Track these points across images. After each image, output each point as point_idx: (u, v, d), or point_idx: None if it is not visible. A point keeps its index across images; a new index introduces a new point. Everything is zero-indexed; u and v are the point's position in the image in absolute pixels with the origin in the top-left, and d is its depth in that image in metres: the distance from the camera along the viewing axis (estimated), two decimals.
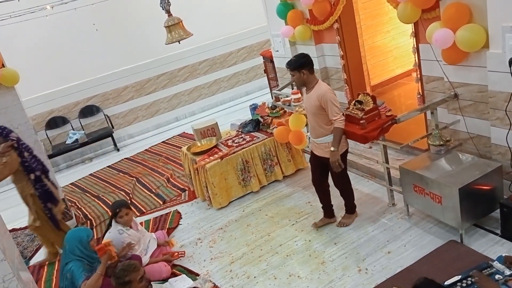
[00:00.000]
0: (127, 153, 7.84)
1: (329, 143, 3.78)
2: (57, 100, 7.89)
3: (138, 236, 4.07)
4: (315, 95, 3.70)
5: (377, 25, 6.58)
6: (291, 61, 3.77)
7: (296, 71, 3.73)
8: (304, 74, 3.72)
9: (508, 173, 3.55)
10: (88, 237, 3.74)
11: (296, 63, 3.73)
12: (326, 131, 3.80)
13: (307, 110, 3.90)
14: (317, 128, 3.84)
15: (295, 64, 3.73)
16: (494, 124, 3.51)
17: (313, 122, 3.86)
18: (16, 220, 6.09)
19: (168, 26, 4.52)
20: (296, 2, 5.38)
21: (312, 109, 3.78)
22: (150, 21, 7.65)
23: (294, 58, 3.79)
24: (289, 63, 3.78)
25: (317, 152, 3.97)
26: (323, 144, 3.86)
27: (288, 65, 3.79)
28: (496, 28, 3.23)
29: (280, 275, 3.78)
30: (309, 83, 3.77)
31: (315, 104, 3.72)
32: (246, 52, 9.34)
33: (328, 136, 3.80)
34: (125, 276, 3.20)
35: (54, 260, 4.82)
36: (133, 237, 4.01)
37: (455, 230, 3.62)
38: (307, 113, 3.94)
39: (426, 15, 3.81)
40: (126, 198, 5.92)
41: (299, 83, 3.86)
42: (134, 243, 3.94)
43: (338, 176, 4.00)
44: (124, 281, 3.19)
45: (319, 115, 3.76)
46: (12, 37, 7.12)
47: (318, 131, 3.85)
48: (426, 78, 4.21)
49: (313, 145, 4.02)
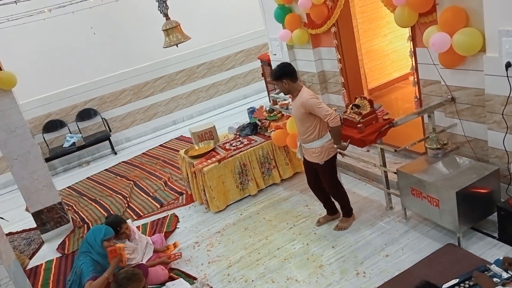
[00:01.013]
0: (124, 157, 7.82)
1: (316, 149, 3.87)
2: (54, 103, 7.87)
3: (133, 247, 4.07)
4: (299, 102, 3.76)
5: (374, 29, 6.60)
6: (273, 71, 3.85)
7: (278, 81, 3.79)
8: (286, 83, 3.77)
9: (505, 176, 3.55)
10: (106, 235, 3.77)
11: (276, 73, 3.79)
12: (313, 137, 3.86)
13: (294, 117, 3.98)
14: (304, 134, 3.89)
15: (276, 74, 3.80)
16: (491, 127, 3.52)
17: (300, 128, 3.92)
18: (12, 224, 6.07)
19: (166, 30, 4.52)
20: (294, 6, 5.40)
21: (299, 116, 3.84)
22: (147, 24, 7.65)
23: (276, 68, 3.85)
24: (273, 74, 3.85)
25: (307, 157, 4.04)
26: (311, 150, 3.92)
27: (272, 76, 3.88)
28: (492, 32, 3.24)
29: (278, 279, 3.77)
30: (293, 91, 3.83)
31: (300, 111, 3.78)
32: (244, 55, 9.35)
33: (315, 141, 3.86)
34: (127, 285, 3.20)
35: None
36: (129, 247, 4.00)
37: (453, 234, 3.62)
38: (295, 120, 4.01)
39: (423, 19, 3.83)
40: (123, 202, 5.90)
41: (284, 92, 3.91)
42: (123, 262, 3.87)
43: (328, 182, 4.07)
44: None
45: (305, 121, 3.81)
46: (9, 40, 7.11)
47: (305, 137, 3.90)
48: (423, 81, 4.23)
49: (303, 150, 4.07)
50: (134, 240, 4.12)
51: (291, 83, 3.78)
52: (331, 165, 3.98)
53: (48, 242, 5.41)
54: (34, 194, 5.26)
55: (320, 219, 4.37)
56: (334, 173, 4.10)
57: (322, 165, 3.94)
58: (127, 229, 4.04)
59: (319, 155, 3.89)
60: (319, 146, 3.86)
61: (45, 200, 5.34)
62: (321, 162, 3.92)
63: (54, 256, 5.06)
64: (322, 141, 3.86)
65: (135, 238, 4.14)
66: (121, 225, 4.01)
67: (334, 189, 4.14)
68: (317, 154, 3.89)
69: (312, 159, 3.96)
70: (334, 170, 4.08)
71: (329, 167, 3.99)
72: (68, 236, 5.37)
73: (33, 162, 5.17)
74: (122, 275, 3.29)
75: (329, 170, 4.00)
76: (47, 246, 5.34)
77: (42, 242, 5.44)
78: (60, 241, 5.33)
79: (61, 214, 5.47)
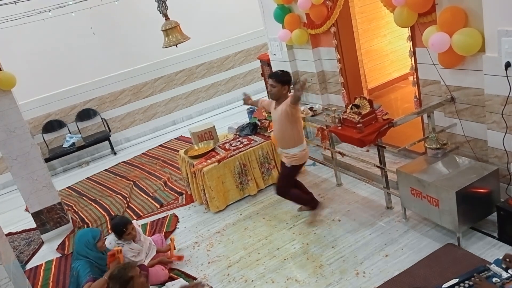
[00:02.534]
0: (124, 157, 7.82)
1: (291, 155, 4.15)
2: (54, 103, 7.87)
3: (139, 248, 4.06)
4: (281, 107, 4.01)
5: (373, 29, 6.61)
6: (279, 73, 4.08)
7: (280, 84, 4.02)
8: (285, 90, 4.05)
9: (505, 176, 3.56)
10: (95, 238, 3.78)
11: (284, 77, 4.05)
12: (291, 142, 4.12)
13: (275, 123, 4.20)
14: (283, 139, 4.16)
15: (283, 77, 4.04)
16: (490, 127, 3.53)
17: (279, 133, 4.16)
18: (12, 224, 6.07)
19: (165, 30, 4.52)
20: (293, 6, 5.40)
21: (280, 120, 4.06)
22: (147, 24, 7.66)
23: (282, 72, 4.10)
24: (277, 75, 4.06)
25: (284, 160, 4.29)
26: (289, 154, 4.17)
27: (276, 76, 4.06)
28: (492, 32, 3.25)
29: (277, 279, 3.77)
30: (282, 98, 4.06)
31: (281, 114, 4.01)
32: (243, 56, 9.35)
33: (292, 148, 4.13)
34: (127, 273, 3.21)
35: None
36: (134, 249, 3.99)
37: (452, 233, 3.63)
38: (274, 126, 4.25)
39: (423, 19, 3.83)
40: (123, 202, 5.90)
41: (276, 95, 4.09)
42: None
43: (281, 181, 4.38)
44: (127, 278, 3.19)
45: (285, 125, 4.05)
46: (9, 40, 7.11)
47: (284, 142, 4.17)
48: (422, 81, 4.23)
49: (281, 154, 4.34)
50: (139, 242, 4.11)
51: (287, 92, 4.07)
52: (293, 172, 4.28)
53: (47, 242, 5.40)
54: (34, 195, 5.26)
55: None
56: (291, 180, 4.37)
57: (287, 167, 4.26)
58: (133, 230, 4.02)
59: (293, 158, 4.18)
60: (296, 153, 4.15)
61: (45, 200, 5.34)
62: (288, 164, 4.22)
63: (54, 256, 5.06)
64: (299, 148, 4.14)
65: (140, 240, 4.13)
66: (127, 226, 3.99)
67: (281, 189, 4.38)
68: (290, 157, 4.18)
69: (283, 159, 4.30)
70: (292, 177, 4.36)
71: (290, 171, 4.27)
72: (68, 236, 5.37)
73: (33, 162, 5.17)
74: (116, 271, 3.29)
75: (289, 174, 4.30)
76: (46, 247, 5.34)
77: (42, 242, 5.44)
78: (60, 241, 5.32)
79: (60, 214, 5.47)
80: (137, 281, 3.23)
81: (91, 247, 3.74)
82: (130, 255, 3.92)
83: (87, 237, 3.78)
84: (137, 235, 4.10)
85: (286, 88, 4.05)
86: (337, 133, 4.07)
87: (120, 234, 3.95)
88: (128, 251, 3.92)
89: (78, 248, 3.77)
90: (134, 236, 4.05)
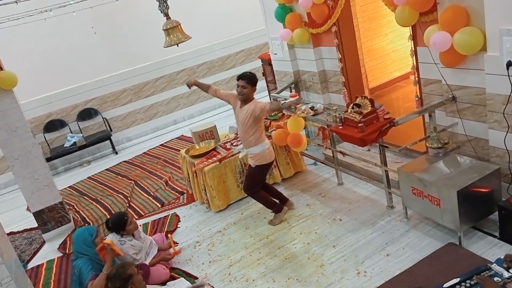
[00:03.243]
0: (125, 156, 7.83)
1: (255, 154, 4.29)
2: (55, 103, 7.89)
3: (140, 245, 4.06)
4: (251, 108, 4.14)
5: (375, 28, 6.60)
6: (249, 75, 4.20)
7: (250, 85, 4.17)
8: (253, 91, 4.21)
9: (506, 175, 3.55)
10: (92, 235, 3.82)
11: (254, 78, 4.19)
12: (254, 141, 4.27)
13: (239, 123, 4.31)
14: (247, 139, 4.29)
15: (253, 79, 4.18)
16: (492, 126, 3.52)
17: (243, 134, 4.30)
18: (14, 224, 6.08)
19: (167, 29, 4.52)
20: (294, 5, 5.39)
21: (245, 120, 4.19)
22: (148, 24, 7.66)
23: (251, 74, 4.22)
24: (248, 77, 4.18)
25: (250, 161, 4.41)
26: (253, 153, 4.31)
27: (246, 78, 4.17)
28: (493, 31, 3.24)
29: (278, 278, 3.77)
30: (250, 99, 4.21)
31: (248, 114, 4.14)
32: (245, 55, 9.35)
33: (255, 146, 4.27)
34: (126, 271, 3.24)
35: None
36: (136, 246, 3.99)
37: (454, 233, 3.62)
38: (238, 125, 4.36)
39: (424, 18, 3.83)
40: (124, 201, 5.91)
41: (245, 96, 4.19)
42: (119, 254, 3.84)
43: (248, 182, 4.48)
44: (126, 276, 3.22)
45: (251, 125, 4.19)
46: (10, 40, 7.11)
47: (248, 142, 4.31)
48: (424, 81, 4.22)
49: (246, 156, 4.48)
50: (139, 239, 4.12)
51: (254, 92, 4.22)
52: (259, 172, 4.40)
53: (49, 241, 5.41)
54: (35, 194, 5.27)
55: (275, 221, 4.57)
56: (258, 180, 4.47)
57: (252, 167, 4.37)
58: (133, 220, 4.07)
59: (256, 158, 4.31)
60: (260, 152, 4.28)
61: (46, 199, 5.34)
62: (252, 165, 4.35)
63: (55, 255, 5.07)
64: (262, 147, 4.28)
65: (140, 237, 4.14)
66: (127, 215, 4.03)
67: (249, 191, 4.51)
68: (253, 157, 4.32)
69: (249, 161, 4.42)
70: (259, 178, 4.47)
71: (256, 172, 4.39)
72: (69, 236, 5.37)
73: (34, 161, 5.18)
74: (113, 271, 3.31)
75: (255, 174, 4.41)
76: (48, 246, 5.35)
77: (43, 241, 5.45)
78: (61, 240, 5.33)
79: (62, 213, 5.48)
80: (136, 278, 3.27)
81: (89, 244, 3.77)
82: (132, 252, 3.92)
83: (85, 235, 3.81)
84: (135, 232, 4.10)
85: (254, 90, 4.22)
86: (338, 132, 4.07)
87: (123, 226, 3.93)
88: (130, 248, 3.92)
89: (77, 247, 3.79)
90: (136, 227, 4.06)
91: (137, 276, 3.29)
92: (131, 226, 3.99)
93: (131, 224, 4.00)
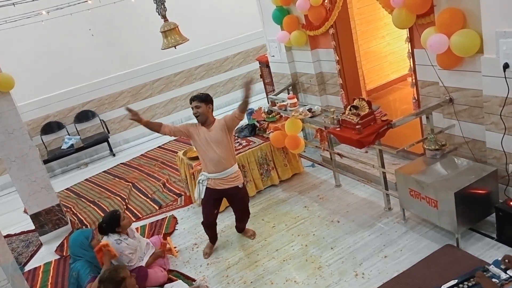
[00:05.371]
0: (123, 158, 7.81)
1: (234, 173, 4.05)
2: (52, 105, 7.86)
3: (135, 245, 4.04)
4: (218, 127, 3.95)
5: (372, 30, 6.61)
6: (201, 95, 4.01)
7: (204, 103, 3.95)
8: (210, 109, 3.99)
9: (503, 177, 3.56)
10: (88, 238, 3.83)
11: (206, 96, 4.00)
12: (233, 158, 4.07)
13: (210, 146, 3.96)
14: (222, 161, 3.97)
15: (205, 97, 3.99)
16: (489, 128, 3.53)
17: (217, 156, 3.95)
18: (11, 226, 6.06)
19: (164, 31, 4.52)
20: (292, 7, 5.40)
21: (217, 141, 3.93)
22: (145, 26, 7.64)
23: (204, 94, 4.05)
24: (198, 96, 3.99)
25: (221, 186, 4.06)
26: (230, 176, 4.04)
27: (197, 97, 3.98)
28: (490, 33, 3.25)
29: (276, 280, 3.77)
30: (210, 119, 4.00)
31: (218, 134, 3.93)
32: (242, 57, 9.36)
33: (234, 166, 4.05)
34: (119, 274, 3.21)
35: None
36: (131, 245, 3.97)
37: (451, 234, 3.63)
38: (209, 151, 3.97)
39: (421, 21, 3.84)
40: (122, 203, 5.90)
41: (204, 115, 3.97)
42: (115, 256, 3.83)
43: (246, 203, 4.31)
44: (119, 279, 3.19)
45: (225, 144, 3.95)
46: (7, 42, 7.10)
47: (228, 162, 4.00)
48: (421, 83, 4.24)
49: (215, 181, 4.06)
50: (134, 238, 4.10)
51: (212, 111, 4.02)
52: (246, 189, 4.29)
53: (46, 244, 5.39)
54: (32, 196, 5.25)
55: (206, 250, 4.38)
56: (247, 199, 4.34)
57: (241, 188, 4.15)
58: (125, 214, 4.05)
59: (238, 177, 4.10)
60: (237, 169, 4.08)
61: (43, 202, 5.32)
62: (240, 185, 4.12)
63: (53, 258, 5.05)
64: (235, 162, 4.10)
65: (134, 237, 4.12)
66: (118, 211, 4.02)
67: (248, 210, 4.36)
68: (235, 177, 4.07)
69: (230, 184, 4.06)
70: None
71: (245, 190, 4.28)
72: (67, 238, 5.34)
73: (31, 164, 5.16)
74: (106, 274, 3.28)
75: (246, 191, 4.31)
76: (45, 248, 5.32)
77: (41, 244, 5.43)
78: (58, 243, 5.31)
79: (59, 216, 5.46)
80: (129, 281, 3.24)
81: (86, 247, 3.78)
82: (128, 251, 3.89)
83: (80, 238, 3.82)
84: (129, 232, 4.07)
85: (211, 107, 3.99)
86: (336, 134, 4.07)
87: (118, 222, 3.89)
88: (126, 247, 3.89)
89: (74, 251, 3.80)
90: (129, 222, 4.06)
91: (130, 279, 3.26)
92: (125, 221, 3.96)
93: (125, 219, 3.97)
